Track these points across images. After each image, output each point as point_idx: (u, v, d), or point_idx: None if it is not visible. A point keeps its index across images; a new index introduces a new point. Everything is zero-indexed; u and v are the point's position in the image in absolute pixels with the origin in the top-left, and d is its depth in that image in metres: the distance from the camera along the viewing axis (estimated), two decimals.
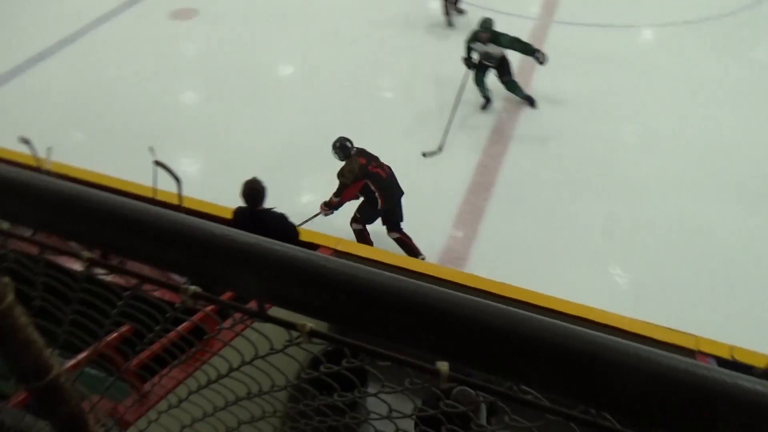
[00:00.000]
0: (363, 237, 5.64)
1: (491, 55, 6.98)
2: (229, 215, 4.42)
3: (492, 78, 7.28)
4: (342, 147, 5.31)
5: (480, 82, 7.32)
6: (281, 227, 4.22)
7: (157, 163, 4.62)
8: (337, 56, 8.34)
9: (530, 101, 7.47)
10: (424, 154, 6.72)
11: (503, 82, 7.31)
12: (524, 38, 7.01)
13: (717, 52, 8.25)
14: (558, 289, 3.97)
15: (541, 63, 6.89)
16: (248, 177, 4.26)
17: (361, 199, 5.45)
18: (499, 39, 6.88)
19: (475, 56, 7.08)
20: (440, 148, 6.76)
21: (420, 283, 0.62)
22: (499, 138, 6.94)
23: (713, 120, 6.98)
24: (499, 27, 6.84)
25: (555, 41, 8.37)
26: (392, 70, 8.21)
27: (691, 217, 5.75)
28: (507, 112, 7.33)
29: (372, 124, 6.97)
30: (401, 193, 5.46)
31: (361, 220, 5.54)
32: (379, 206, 5.35)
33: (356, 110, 7.28)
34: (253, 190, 4.18)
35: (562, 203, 5.98)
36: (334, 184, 5.27)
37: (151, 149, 5.21)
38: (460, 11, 9.16)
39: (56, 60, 8.38)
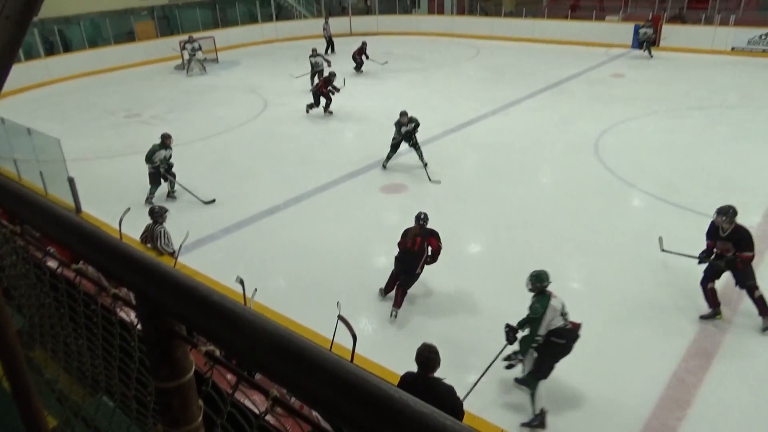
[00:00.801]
0: (390, 278, 7.09)
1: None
2: (393, 381, 4.41)
3: None
4: (422, 216, 7.07)
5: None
6: (448, 400, 4.11)
7: (341, 318, 4.91)
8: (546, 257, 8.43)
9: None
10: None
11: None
12: None
13: None
14: None
15: None
16: (424, 344, 4.35)
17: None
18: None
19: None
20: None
21: None
22: (700, 350, 6.11)
23: None
24: None
25: None
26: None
27: None
28: (720, 322, 6.50)
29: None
30: (406, 274, 6.87)
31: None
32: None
33: None
34: (430, 355, 4.21)
35: None
36: None
37: (338, 304, 5.58)
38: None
39: (283, 215, 9.77)
